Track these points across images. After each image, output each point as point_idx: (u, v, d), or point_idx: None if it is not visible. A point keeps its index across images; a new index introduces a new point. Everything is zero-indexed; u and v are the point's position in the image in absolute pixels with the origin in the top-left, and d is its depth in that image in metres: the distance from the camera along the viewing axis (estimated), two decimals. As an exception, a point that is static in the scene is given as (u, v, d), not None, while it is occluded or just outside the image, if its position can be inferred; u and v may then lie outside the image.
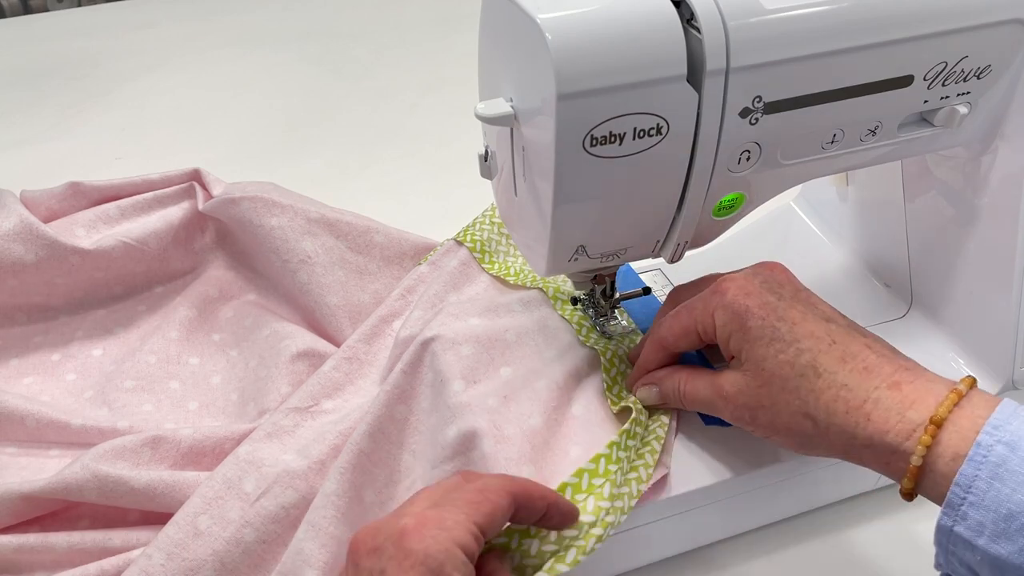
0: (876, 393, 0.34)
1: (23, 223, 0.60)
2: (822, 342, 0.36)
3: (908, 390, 0.34)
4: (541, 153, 0.37)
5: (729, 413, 0.40)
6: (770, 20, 0.36)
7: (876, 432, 0.34)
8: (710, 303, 0.40)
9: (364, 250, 0.61)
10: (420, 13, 1.20)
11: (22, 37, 1.18)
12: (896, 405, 0.34)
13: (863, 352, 0.36)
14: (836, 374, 0.35)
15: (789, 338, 0.37)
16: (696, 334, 0.41)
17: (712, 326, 0.40)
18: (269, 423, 0.50)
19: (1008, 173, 0.46)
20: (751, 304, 0.38)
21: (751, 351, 0.37)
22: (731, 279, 0.40)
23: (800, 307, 0.38)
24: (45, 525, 0.50)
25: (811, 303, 0.39)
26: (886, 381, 0.35)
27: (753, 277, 0.40)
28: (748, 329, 0.37)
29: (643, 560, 0.48)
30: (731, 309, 0.38)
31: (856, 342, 0.36)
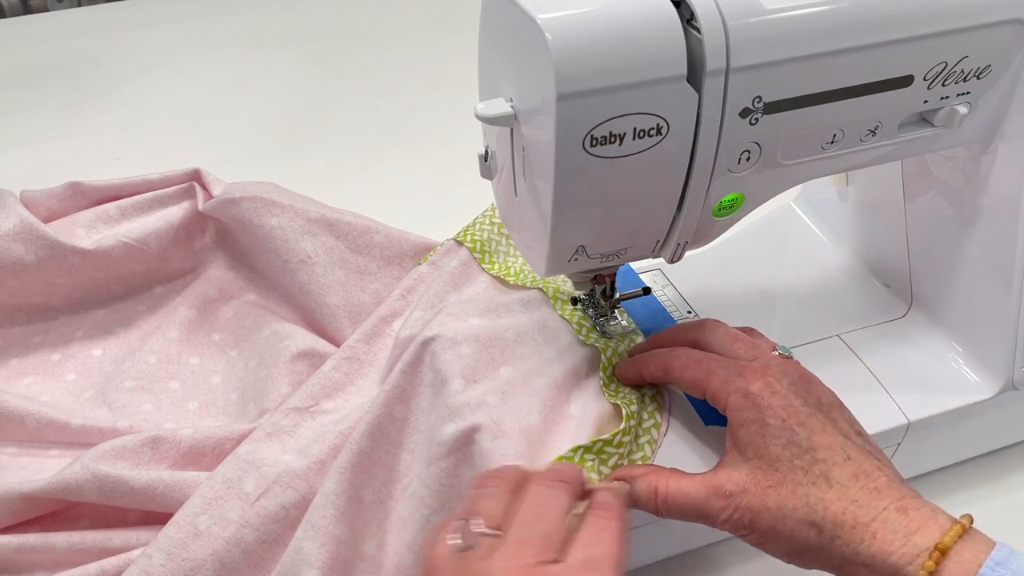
0: (884, 513, 0.35)
1: (23, 223, 0.60)
2: (837, 455, 0.36)
3: (914, 516, 0.35)
4: (541, 153, 0.37)
5: (726, 515, 0.37)
6: (770, 20, 0.36)
7: (880, 552, 0.34)
8: (732, 383, 0.39)
9: (364, 250, 0.61)
10: (420, 13, 1.20)
11: (22, 37, 1.18)
12: (903, 528, 0.34)
13: (875, 472, 0.36)
14: (848, 488, 0.35)
15: (806, 445, 0.36)
16: (703, 394, 0.41)
17: (724, 404, 0.39)
18: (269, 423, 0.50)
19: (1008, 173, 0.46)
20: (775, 403, 0.38)
21: (765, 449, 0.37)
22: (763, 370, 0.39)
23: (821, 417, 0.38)
24: (45, 525, 0.50)
25: (831, 417, 0.39)
26: (895, 504, 0.35)
27: (783, 377, 0.39)
28: (767, 426, 0.37)
29: (641, 561, 0.48)
30: (753, 400, 0.38)
31: (869, 462, 0.37)
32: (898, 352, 0.52)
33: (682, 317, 0.55)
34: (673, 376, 0.44)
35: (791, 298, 0.57)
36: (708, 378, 0.41)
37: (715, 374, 0.41)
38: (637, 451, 0.45)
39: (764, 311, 0.56)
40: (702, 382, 0.41)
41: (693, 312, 0.55)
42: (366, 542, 0.46)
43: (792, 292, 0.58)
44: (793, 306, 0.56)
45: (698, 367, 0.42)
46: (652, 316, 0.54)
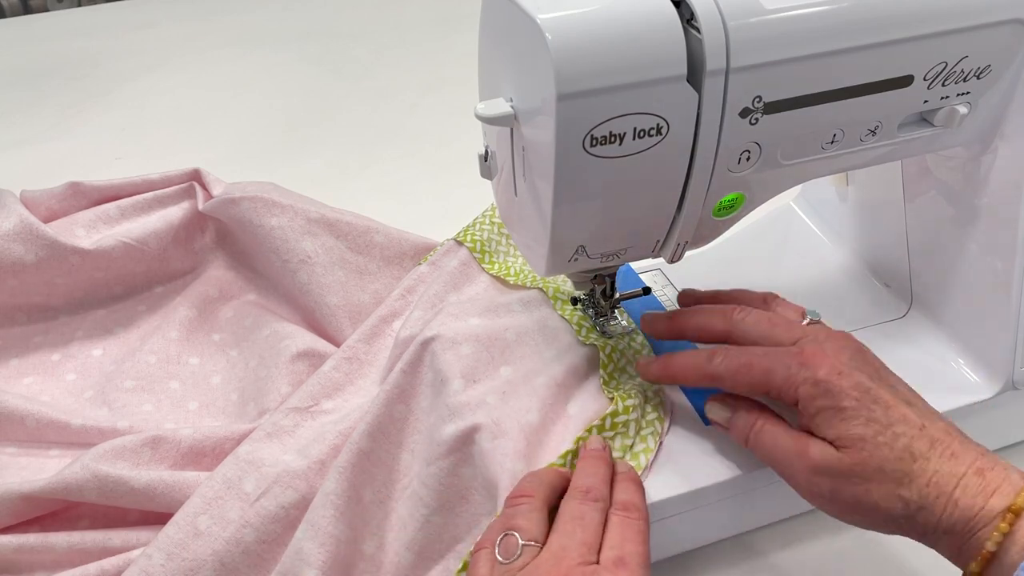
0: (964, 479, 0.35)
1: (23, 223, 0.60)
2: (913, 426, 0.37)
3: (991, 477, 0.35)
4: (541, 153, 0.37)
5: (804, 479, 0.38)
6: (770, 20, 0.36)
7: (961, 518, 0.35)
8: (795, 375, 0.39)
9: (364, 250, 0.61)
10: (420, 13, 1.20)
11: (22, 37, 1.18)
12: (981, 492, 0.35)
13: (946, 437, 0.37)
14: (929, 459, 0.36)
15: (885, 421, 0.37)
16: (765, 394, 0.41)
17: (793, 396, 0.39)
18: (269, 423, 0.50)
19: (1008, 173, 0.46)
20: (844, 385, 0.38)
21: (846, 430, 0.37)
22: (821, 352, 0.39)
23: (886, 390, 0.38)
24: (45, 525, 0.50)
25: (891, 384, 0.39)
26: (972, 467, 0.36)
27: (841, 352, 0.39)
28: (843, 409, 0.37)
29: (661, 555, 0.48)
30: (823, 387, 0.38)
31: (937, 426, 0.37)
32: (898, 352, 0.52)
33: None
34: (724, 384, 0.42)
35: (791, 298, 0.57)
36: (767, 378, 0.40)
37: (773, 372, 0.39)
38: (640, 442, 0.45)
39: (764, 311, 0.56)
40: (761, 384, 0.40)
41: (693, 312, 0.55)
42: (366, 542, 0.46)
43: (792, 292, 0.58)
44: (793, 306, 0.56)
45: (750, 371, 0.40)
46: (652, 316, 0.54)
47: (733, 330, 0.44)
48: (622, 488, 0.41)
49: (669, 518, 0.45)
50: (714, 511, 0.46)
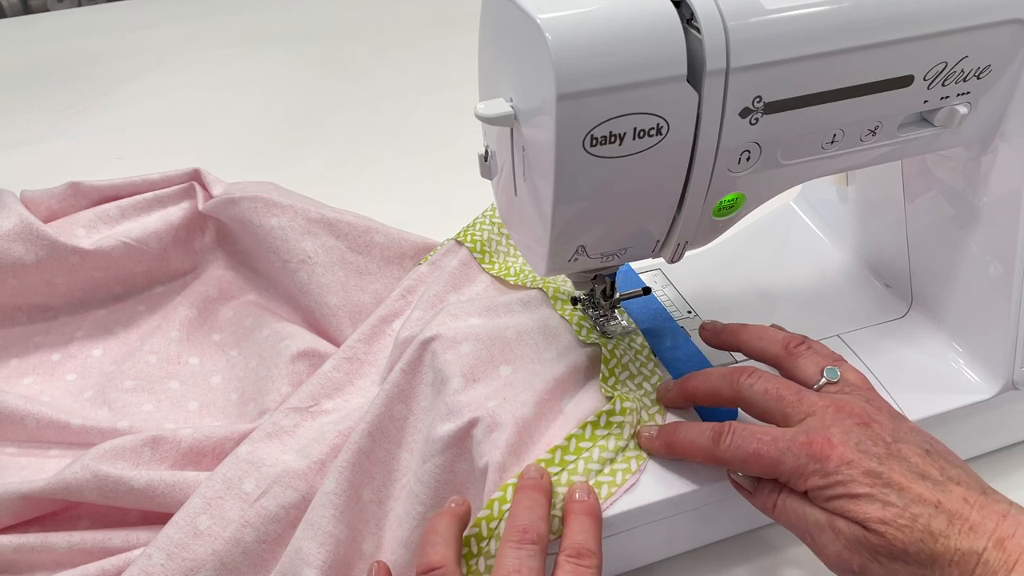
0: (985, 555, 0.35)
1: (23, 223, 0.60)
2: (928, 505, 0.36)
3: (1011, 547, 0.35)
4: (541, 153, 0.37)
5: (834, 552, 0.38)
6: (770, 20, 0.36)
7: None
8: (804, 467, 0.38)
9: (364, 250, 0.61)
10: (420, 13, 1.20)
11: (22, 37, 1.18)
12: (1002, 567, 0.34)
13: (963, 508, 0.36)
14: (949, 538, 0.36)
15: (901, 504, 0.36)
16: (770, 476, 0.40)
17: (802, 487, 0.38)
18: (269, 423, 0.50)
19: (1008, 173, 0.46)
20: (855, 473, 0.37)
21: (865, 514, 0.37)
22: (827, 438, 0.38)
23: (897, 466, 0.37)
24: (45, 525, 0.50)
25: (902, 456, 0.38)
26: (992, 539, 0.35)
27: (848, 436, 0.38)
28: (858, 496, 0.37)
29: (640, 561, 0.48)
30: (834, 479, 0.37)
31: (953, 496, 0.37)
32: (898, 352, 0.52)
33: (682, 317, 0.55)
34: (731, 468, 0.42)
35: (791, 298, 0.57)
36: (776, 468, 0.39)
37: (782, 463, 0.39)
38: (634, 448, 0.45)
39: (764, 311, 0.56)
40: (770, 473, 0.40)
41: (693, 312, 0.55)
42: (365, 541, 0.46)
43: (792, 292, 0.58)
44: (793, 306, 0.56)
45: (759, 461, 0.40)
46: (652, 316, 0.54)
47: (739, 397, 0.43)
48: (578, 526, 0.39)
49: (664, 520, 0.45)
50: (711, 513, 0.46)
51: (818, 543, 0.38)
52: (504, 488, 0.42)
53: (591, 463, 0.43)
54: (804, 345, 0.45)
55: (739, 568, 0.48)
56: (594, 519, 0.40)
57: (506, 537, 0.38)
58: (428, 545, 0.39)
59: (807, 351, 0.44)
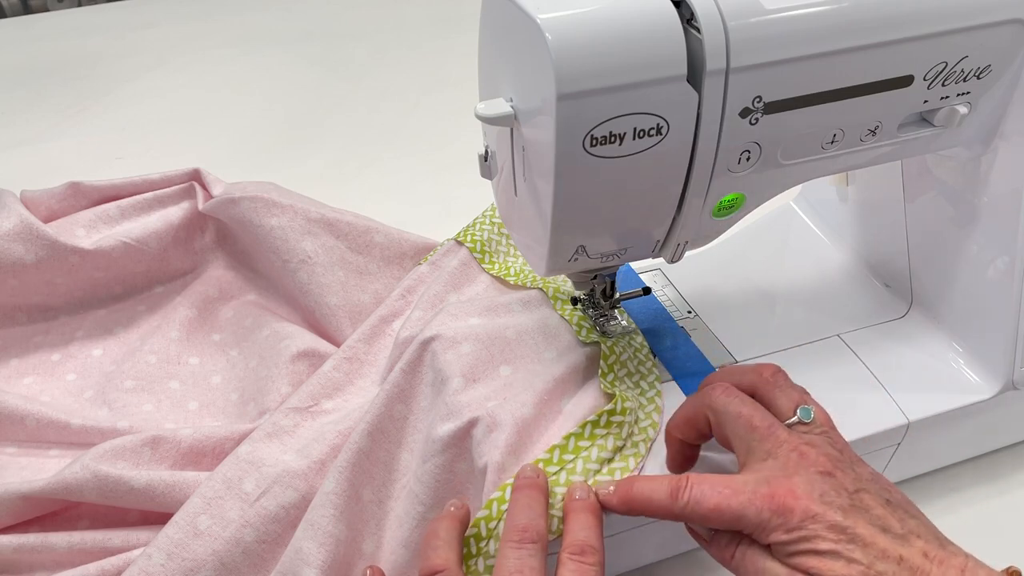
0: None
1: (23, 223, 0.60)
2: (891, 561, 0.36)
3: None
4: (541, 153, 0.37)
5: None
6: (770, 20, 0.36)
7: None
8: (767, 521, 0.37)
9: (364, 250, 0.61)
10: (420, 13, 1.20)
11: (22, 37, 1.18)
12: None
13: (924, 564, 0.36)
14: None
15: (866, 561, 0.36)
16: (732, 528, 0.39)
17: (765, 541, 0.38)
18: (269, 423, 0.50)
19: (1008, 173, 0.46)
20: (819, 528, 0.37)
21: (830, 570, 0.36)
22: (791, 493, 0.37)
23: (861, 519, 0.37)
24: (45, 525, 0.50)
25: (865, 507, 0.38)
26: None
27: (812, 488, 0.37)
28: (822, 553, 0.36)
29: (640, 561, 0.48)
30: (797, 534, 0.37)
31: (915, 550, 0.36)
32: (898, 352, 0.52)
33: (682, 317, 0.55)
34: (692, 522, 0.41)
35: (791, 298, 0.57)
36: (739, 523, 0.38)
37: (744, 517, 0.38)
38: (631, 447, 0.45)
39: (764, 311, 0.56)
40: (732, 527, 0.39)
41: (693, 312, 0.55)
42: (365, 541, 0.46)
43: (792, 292, 0.58)
44: (793, 306, 0.56)
45: (720, 516, 0.38)
46: (652, 316, 0.54)
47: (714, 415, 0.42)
48: (579, 524, 0.39)
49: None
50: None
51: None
52: (503, 488, 0.42)
53: (589, 463, 0.43)
54: (781, 375, 0.43)
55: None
56: (595, 516, 0.40)
57: (506, 537, 0.38)
58: (430, 549, 0.39)
59: (784, 381, 0.43)
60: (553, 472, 0.43)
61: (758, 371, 0.43)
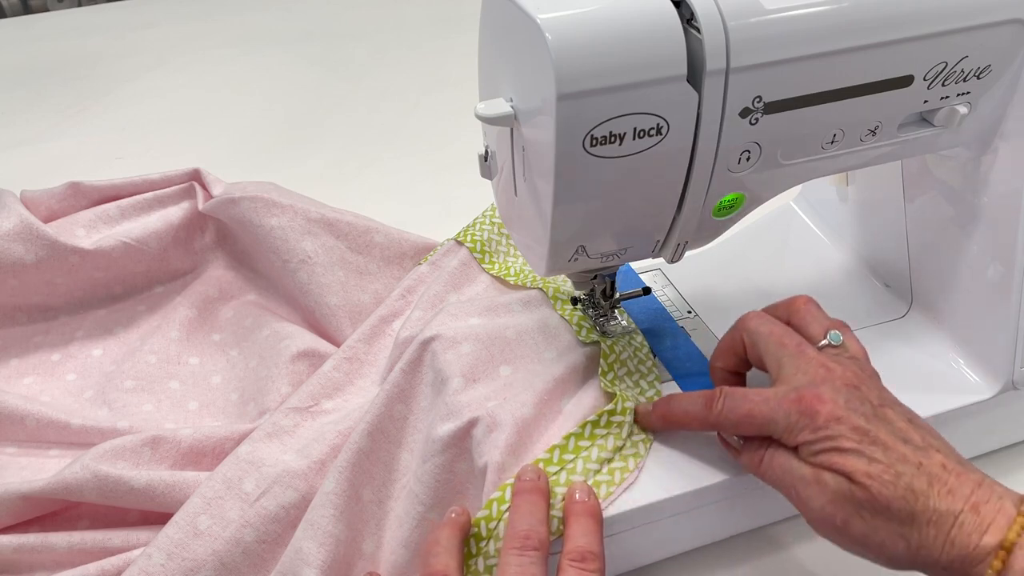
0: (961, 516, 0.36)
1: (23, 223, 0.60)
2: (911, 465, 0.37)
3: (986, 512, 0.36)
4: (541, 153, 0.37)
5: (819, 506, 0.38)
6: (770, 20, 0.36)
7: (958, 557, 0.36)
8: (794, 423, 0.39)
9: (364, 250, 0.61)
10: (420, 13, 1.20)
11: (22, 37, 1.18)
12: (975, 529, 0.36)
13: (942, 473, 0.37)
14: (929, 498, 0.37)
15: (886, 461, 0.37)
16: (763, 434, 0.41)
17: (793, 443, 0.39)
18: (269, 423, 0.50)
19: (1008, 173, 0.46)
20: (843, 429, 0.38)
21: (852, 468, 0.38)
22: (818, 398, 0.39)
23: (884, 428, 0.39)
24: (45, 525, 0.50)
25: (888, 420, 0.39)
26: (968, 503, 0.36)
27: (838, 395, 0.39)
28: (845, 451, 0.38)
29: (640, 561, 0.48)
30: (822, 433, 0.38)
31: (934, 460, 0.38)
32: (898, 352, 0.52)
33: (682, 317, 0.55)
34: (724, 431, 0.43)
35: (791, 298, 0.57)
36: (769, 427, 0.40)
37: (774, 421, 0.40)
38: (631, 447, 0.45)
39: (764, 311, 0.56)
40: (763, 432, 0.41)
41: (693, 312, 0.55)
42: (365, 541, 0.46)
43: (792, 292, 0.57)
44: (793, 306, 0.56)
45: (751, 421, 0.41)
46: (652, 316, 0.54)
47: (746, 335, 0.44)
48: (580, 529, 0.39)
49: (663, 520, 0.45)
50: (711, 513, 0.46)
51: (803, 497, 0.39)
52: (503, 488, 0.42)
53: (590, 463, 0.43)
54: (813, 304, 0.46)
55: (739, 568, 0.48)
56: (595, 520, 0.40)
57: (507, 544, 0.39)
58: (431, 556, 0.40)
59: (816, 310, 0.45)
60: (553, 472, 0.43)
61: (791, 301, 0.46)
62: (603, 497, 0.42)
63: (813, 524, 0.39)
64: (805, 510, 0.39)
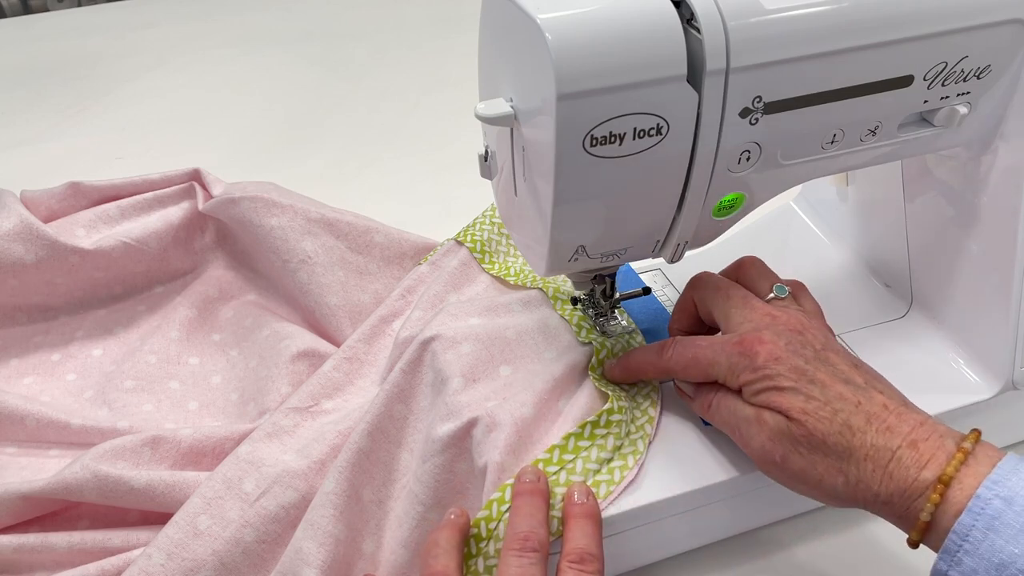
0: (899, 452, 0.37)
1: (23, 223, 0.60)
2: (849, 403, 0.39)
3: (923, 448, 0.37)
4: (541, 153, 0.37)
5: (759, 444, 0.40)
6: (770, 20, 0.36)
7: (896, 490, 0.37)
8: (736, 364, 0.41)
9: (364, 250, 0.61)
10: (420, 13, 1.20)
11: (22, 37, 1.18)
12: (914, 464, 0.36)
13: (882, 412, 0.39)
14: (866, 434, 0.38)
15: (823, 399, 0.39)
16: (710, 378, 0.43)
17: (736, 384, 0.41)
18: (269, 423, 0.50)
19: (1008, 173, 0.46)
20: (782, 369, 0.40)
21: (789, 405, 0.39)
22: (758, 340, 0.41)
23: (824, 369, 0.40)
24: (45, 525, 0.50)
25: (831, 363, 0.41)
26: (906, 440, 0.37)
27: (776, 339, 0.41)
28: (783, 389, 0.39)
29: (640, 561, 0.48)
30: (762, 372, 0.40)
31: (875, 401, 0.39)
32: (898, 352, 0.52)
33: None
34: (676, 376, 0.45)
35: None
36: (712, 369, 0.42)
37: (717, 363, 0.42)
38: (629, 445, 0.45)
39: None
40: (706, 375, 0.43)
41: (693, 312, 0.55)
42: (365, 541, 0.46)
43: (792, 292, 0.58)
44: (793, 306, 0.56)
45: (697, 364, 0.43)
46: (652, 316, 0.54)
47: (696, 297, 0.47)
48: (579, 530, 0.40)
49: (663, 520, 0.45)
50: (710, 513, 0.46)
51: (745, 436, 0.41)
52: (503, 488, 0.42)
53: (589, 463, 0.43)
54: (759, 262, 0.48)
55: (739, 568, 0.48)
56: (594, 522, 0.40)
57: (507, 546, 0.39)
58: (430, 557, 0.40)
59: (762, 267, 0.47)
60: (553, 472, 0.43)
61: (738, 262, 0.48)
62: (603, 497, 0.42)
63: (756, 462, 0.41)
64: (748, 449, 0.41)
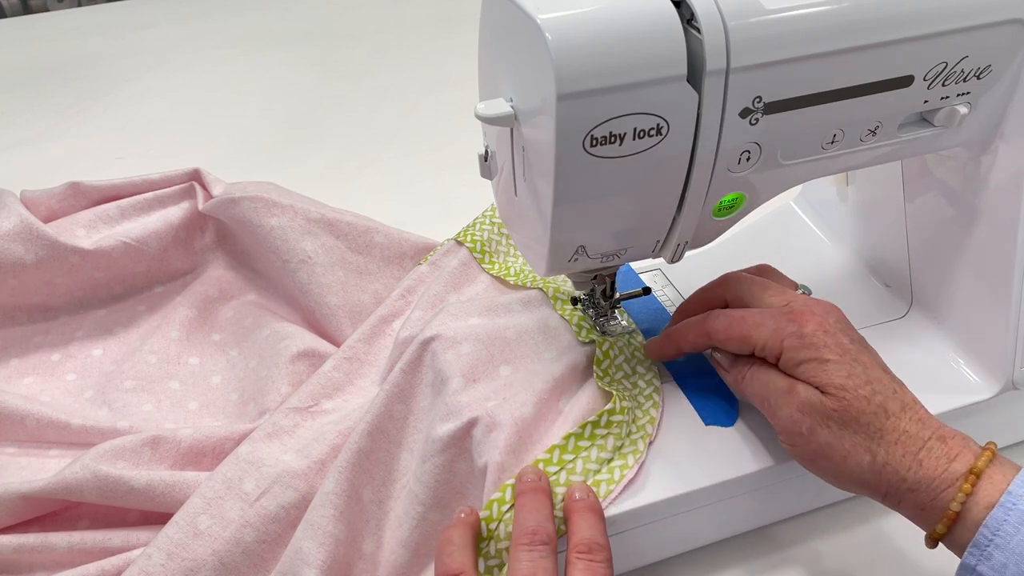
0: (929, 443, 0.38)
1: (23, 223, 0.60)
2: (888, 388, 0.40)
3: (952, 444, 0.38)
4: (541, 153, 0.37)
5: (787, 414, 0.40)
6: (770, 20, 0.36)
7: (925, 477, 0.37)
8: (783, 329, 0.41)
9: (364, 250, 0.61)
10: (420, 13, 1.20)
11: (22, 37, 1.18)
12: (944, 455, 0.38)
13: (915, 405, 0.40)
14: (900, 419, 0.39)
15: (864, 377, 0.39)
16: (752, 349, 0.43)
17: (779, 348, 0.41)
18: (269, 423, 0.50)
19: (1008, 173, 0.46)
20: (830, 342, 0.40)
21: (829, 379, 0.39)
22: (810, 312, 0.41)
23: (867, 353, 0.41)
24: (45, 525, 0.50)
25: (872, 353, 0.42)
26: (936, 433, 0.39)
27: (827, 316, 0.42)
28: (827, 361, 0.40)
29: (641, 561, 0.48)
30: (808, 340, 0.40)
31: (908, 394, 0.40)
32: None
33: (682, 317, 0.55)
34: (717, 339, 0.45)
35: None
36: (756, 331, 0.42)
37: (762, 325, 0.42)
38: (630, 444, 0.45)
39: (764, 311, 0.56)
40: (750, 337, 0.42)
41: (693, 312, 0.55)
42: (365, 541, 0.46)
43: (792, 292, 0.58)
44: (793, 306, 0.56)
45: (742, 324, 0.43)
46: (652, 316, 0.54)
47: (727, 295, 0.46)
48: (584, 523, 0.40)
49: (663, 520, 0.45)
50: (712, 513, 0.46)
51: (773, 407, 0.41)
52: (503, 489, 0.42)
53: (589, 463, 0.43)
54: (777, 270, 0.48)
55: (739, 568, 0.48)
56: (597, 514, 0.40)
57: (516, 541, 0.39)
58: (445, 555, 0.40)
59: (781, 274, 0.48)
60: (553, 472, 0.43)
61: (757, 268, 0.49)
62: (603, 496, 0.42)
63: (781, 435, 0.41)
64: (774, 419, 0.41)
